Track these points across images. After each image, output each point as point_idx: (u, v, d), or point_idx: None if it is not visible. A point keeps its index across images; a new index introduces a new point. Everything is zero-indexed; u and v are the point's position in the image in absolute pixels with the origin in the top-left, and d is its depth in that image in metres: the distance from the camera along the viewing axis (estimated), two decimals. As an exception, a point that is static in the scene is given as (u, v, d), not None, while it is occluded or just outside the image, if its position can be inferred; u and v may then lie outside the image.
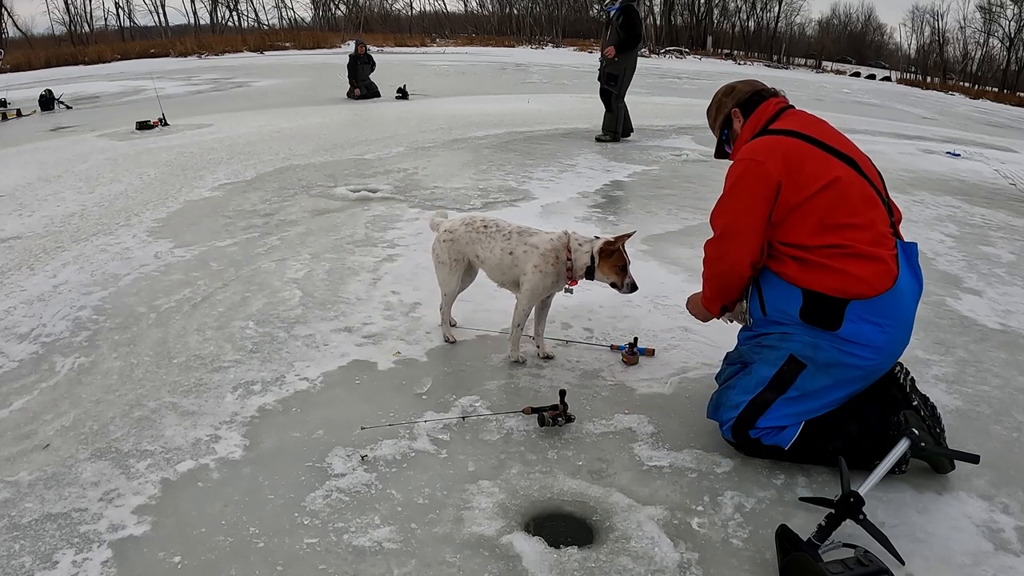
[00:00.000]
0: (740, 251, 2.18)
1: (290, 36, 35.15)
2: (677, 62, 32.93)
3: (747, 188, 2.16)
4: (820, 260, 2.07)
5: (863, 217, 2.09)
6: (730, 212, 2.22)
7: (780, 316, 2.19)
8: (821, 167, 2.12)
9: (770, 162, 2.11)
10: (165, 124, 9.32)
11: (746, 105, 2.39)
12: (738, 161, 2.22)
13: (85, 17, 42.17)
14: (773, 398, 2.15)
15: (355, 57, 12.88)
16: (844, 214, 2.07)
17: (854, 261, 2.04)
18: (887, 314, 2.06)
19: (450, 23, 49.52)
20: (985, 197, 6.54)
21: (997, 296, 3.85)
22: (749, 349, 2.31)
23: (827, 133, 2.24)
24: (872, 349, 2.07)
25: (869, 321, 2.04)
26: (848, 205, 2.08)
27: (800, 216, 2.09)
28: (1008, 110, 24.50)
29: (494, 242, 2.79)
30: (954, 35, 50.89)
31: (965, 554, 1.89)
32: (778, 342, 2.19)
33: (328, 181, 6.03)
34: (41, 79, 17.90)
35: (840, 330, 2.06)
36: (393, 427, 2.39)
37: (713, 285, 2.36)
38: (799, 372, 2.13)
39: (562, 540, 1.91)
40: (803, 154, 2.14)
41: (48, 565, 1.80)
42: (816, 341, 2.10)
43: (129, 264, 4.00)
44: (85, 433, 2.37)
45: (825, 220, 2.07)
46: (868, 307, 2.04)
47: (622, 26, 7.62)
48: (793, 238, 2.11)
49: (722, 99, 2.47)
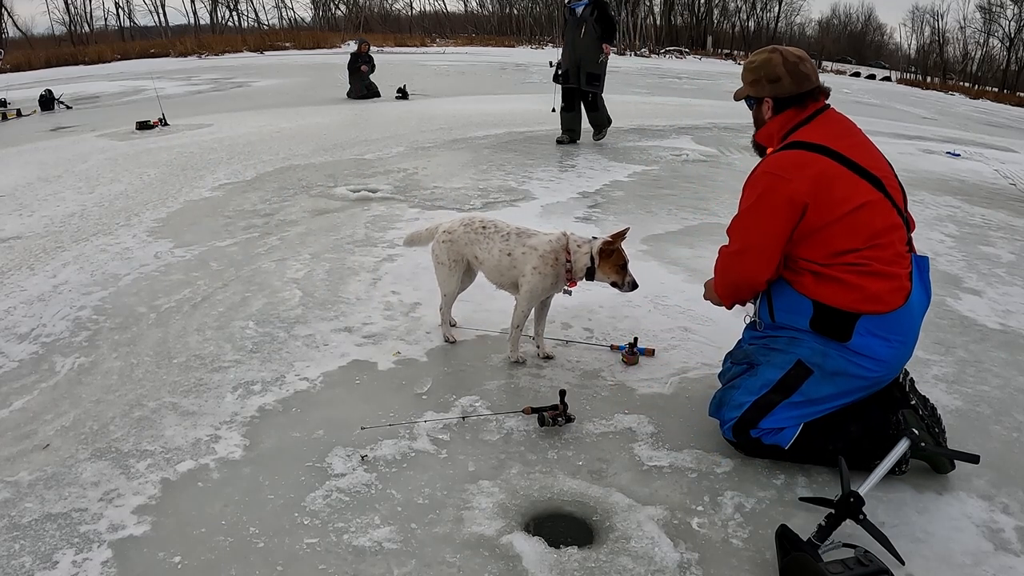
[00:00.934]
0: (757, 269, 2.15)
1: (290, 36, 35.15)
2: (677, 62, 32.94)
3: (771, 206, 2.08)
4: (836, 275, 2.06)
5: (884, 239, 2.07)
6: (751, 230, 2.15)
7: (789, 323, 2.19)
8: (849, 191, 2.05)
9: (798, 182, 2.04)
10: (165, 124, 9.32)
11: (782, 103, 2.24)
12: (764, 174, 2.13)
13: (85, 17, 42.21)
14: (778, 400, 2.16)
15: (356, 55, 12.87)
16: (866, 238, 2.05)
17: (870, 278, 2.04)
18: (896, 330, 2.07)
19: (450, 23, 49.55)
20: (985, 197, 6.53)
21: (997, 296, 3.85)
22: (756, 350, 2.30)
23: (857, 147, 2.15)
24: (878, 362, 2.09)
25: (878, 336, 2.06)
26: (871, 230, 2.05)
27: (822, 238, 2.06)
28: (1008, 110, 24.50)
29: (492, 243, 2.79)
30: (954, 35, 50.94)
31: (965, 554, 1.89)
32: (787, 346, 2.19)
33: (328, 181, 6.03)
34: (41, 79, 17.90)
35: (849, 342, 2.07)
36: (393, 427, 2.39)
37: (726, 292, 2.33)
38: (806, 378, 2.13)
39: (562, 540, 1.91)
40: (832, 176, 2.05)
41: (48, 565, 1.80)
42: (825, 349, 2.11)
43: (129, 264, 4.00)
44: (85, 433, 2.37)
45: (847, 243, 2.05)
46: (878, 322, 2.05)
47: (598, 20, 7.36)
48: (811, 256, 2.09)
49: (764, 82, 2.23)
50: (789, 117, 2.22)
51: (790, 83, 2.18)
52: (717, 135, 9.26)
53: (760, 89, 2.24)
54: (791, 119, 2.21)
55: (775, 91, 2.21)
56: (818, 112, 2.21)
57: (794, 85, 2.19)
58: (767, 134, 2.29)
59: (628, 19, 40.57)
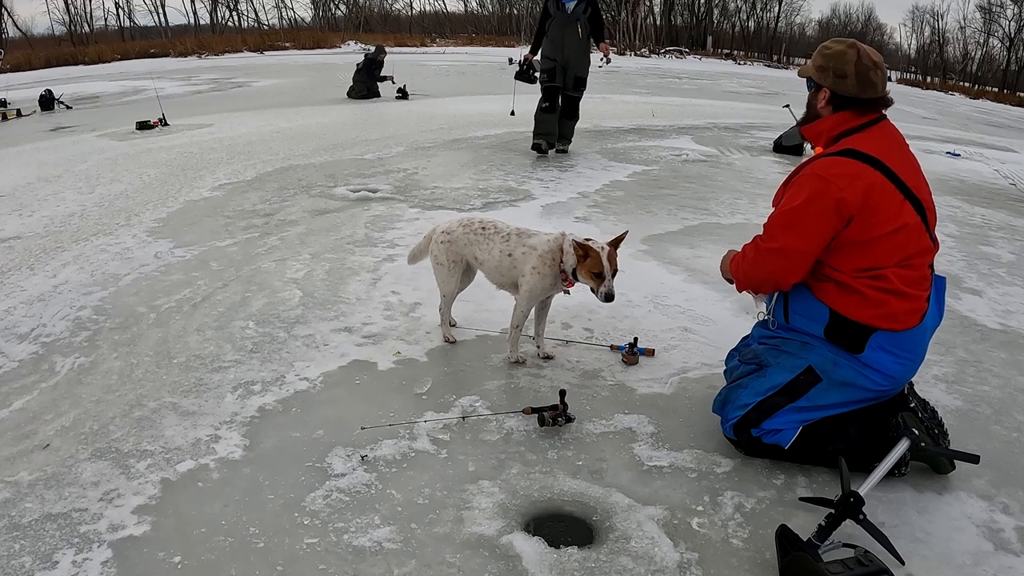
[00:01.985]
0: (790, 270, 2.13)
1: (290, 36, 35.11)
2: (677, 62, 32.92)
3: (817, 212, 2.03)
4: (859, 288, 2.05)
5: (914, 261, 2.08)
6: (793, 230, 2.08)
7: (803, 327, 2.19)
8: (893, 211, 2.02)
9: (849, 192, 1.99)
10: (165, 124, 9.32)
11: (840, 100, 2.13)
12: (814, 176, 2.06)
13: (85, 17, 42.11)
14: (783, 404, 2.16)
15: (371, 61, 12.80)
16: (898, 259, 2.04)
17: (892, 297, 2.04)
18: (907, 348, 2.09)
19: (450, 23, 49.52)
20: (985, 197, 6.54)
21: (997, 296, 3.85)
22: (766, 351, 2.29)
23: (906, 166, 2.11)
24: (886, 377, 2.10)
25: (889, 352, 2.07)
26: (905, 253, 2.05)
27: (856, 251, 2.05)
28: (1008, 110, 24.49)
29: (492, 244, 2.79)
30: (954, 35, 50.82)
31: (965, 554, 1.89)
32: (799, 350, 2.19)
33: (328, 181, 6.03)
34: (41, 79, 17.89)
35: (861, 355, 2.08)
36: (393, 427, 2.39)
37: (748, 282, 2.29)
38: (814, 384, 2.14)
39: (562, 540, 1.91)
40: (880, 193, 2.01)
41: (48, 565, 1.80)
42: (837, 359, 2.11)
43: (129, 264, 4.00)
44: (85, 433, 2.37)
45: (878, 261, 2.04)
46: (891, 339, 2.06)
47: (591, 18, 6.91)
48: (840, 265, 2.08)
49: (830, 73, 2.12)
50: (844, 119, 2.13)
51: (854, 85, 2.09)
52: (717, 135, 9.27)
53: (824, 77, 2.14)
54: (845, 121, 2.13)
55: (836, 86, 2.12)
56: (874, 121, 2.13)
57: (857, 88, 2.09)
58: (816, 131, 2.21)
59: (628, 19, 40.55)
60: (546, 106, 7.17)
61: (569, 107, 7.26)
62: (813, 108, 2.21)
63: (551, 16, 6.99)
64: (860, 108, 2.12)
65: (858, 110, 2.12)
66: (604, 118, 10.35)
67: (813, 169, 2.08)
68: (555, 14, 6.96)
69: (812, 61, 2.20)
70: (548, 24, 7.02)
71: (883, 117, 2.16)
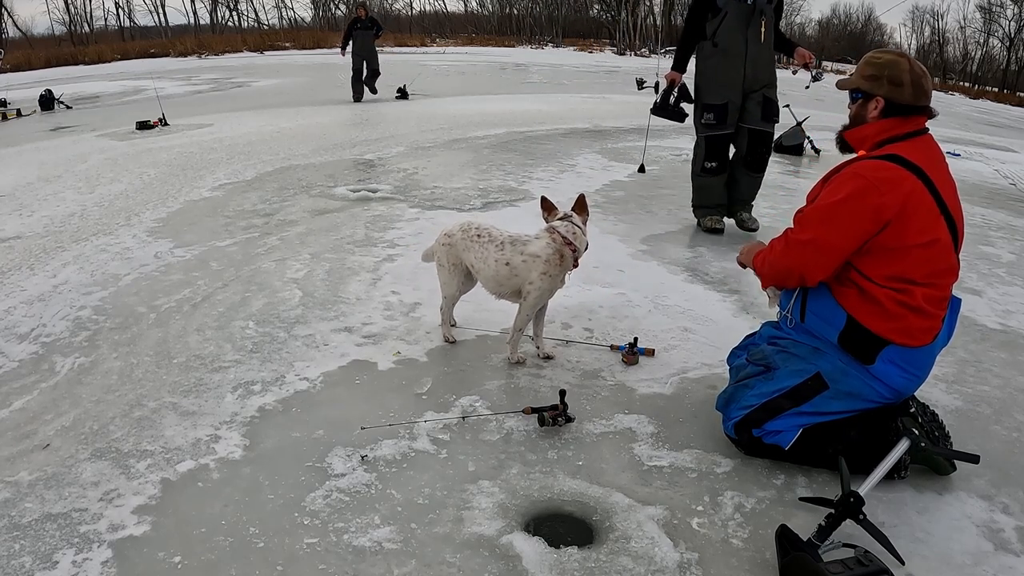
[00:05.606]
0: (818, 265, 2.10)
1: (290, 36, 35.12)
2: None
3: (856, 211, 2.01)
4: (880, 298, 2.04)
5: (940, 280, 2.08)
6: (827, 225, 2.07)
7: (817, 330, 2.19)
8: (929, 223, 2.02)
9: (890, 197, 1.98)
10: (165, 124, 9.32)
11: (893, 107, 2.12)
12: (857, 176, 2.04)
13: (85, 17, 42.13)
14: (787, 407, 2.16)
15: (354, 21, 12.30)
16: (925, 274, 2.04)
17: (912, 313, 2.04)
18: (916, 364, 2.10)
19: (450, 23, 49.52)
20: (985, 197, 6.54)
21: (997, 296, 3.85)
22: (776, 352, 2.27)
23: (945, 182, 2.11)
24: (892, 390, 2.11)
25: (899, 366, 2.08)
26: (932, 268, 2.05)
27: (887, 258, 2.04)
28: (1008, 110, 24.50)
29: (487, 252, 2.76)
30: (954, 35, 50.89)
31: (965, 554, 1.89)
32: (809, 355, 2.18)
33: (328, 181, 6.03)
34: (41, 79, 17.91)
35: (871, 366, 2.09)
36: (393, 427, 2.39)
37: (773, 274, 2.27)
38: (820, 391, 2.14)
39: (562, 540, 1.91)
40: (920, 202, 2.00)
41: (48, 565, 1.80)
42: (847, 368, 2.12)
43: (129, 264, 4.00)
44: (85, 433, 2.37)
45: (907, 272, 2.03)
46: (902, 354, 2.07)
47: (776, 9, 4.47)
48: (868, 271, 2.07)
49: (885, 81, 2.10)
50: (891, 125, 2.12)
51: (910, 93, 2.09)
52: (717, 135, 9.24)
53: (877, 87, 2.12)
54: (891, 128, 2.12)
55: (892, 94, 2.10)
56: (918, 132, 2.13)
57: (912, 96, 2.10)
58: (861, 136, 2.19)
59: (628, 19, 40.53)
60: (712, 167, 4.58)
61: (755, 152, 4.52)
62: (862, 119, 2.19)
63: (719, 10, 4.26)
64: (906, 116, 2.12)
65: (904, 118, 2.12)
66: (604, 118, 10.35)
67: (856, 169, 2.07)
68: (727, 5, 4.24)
69: (859, 72, 2.18)
70: (713, 25, 4.30)
71: (926, 130, 2.16)
